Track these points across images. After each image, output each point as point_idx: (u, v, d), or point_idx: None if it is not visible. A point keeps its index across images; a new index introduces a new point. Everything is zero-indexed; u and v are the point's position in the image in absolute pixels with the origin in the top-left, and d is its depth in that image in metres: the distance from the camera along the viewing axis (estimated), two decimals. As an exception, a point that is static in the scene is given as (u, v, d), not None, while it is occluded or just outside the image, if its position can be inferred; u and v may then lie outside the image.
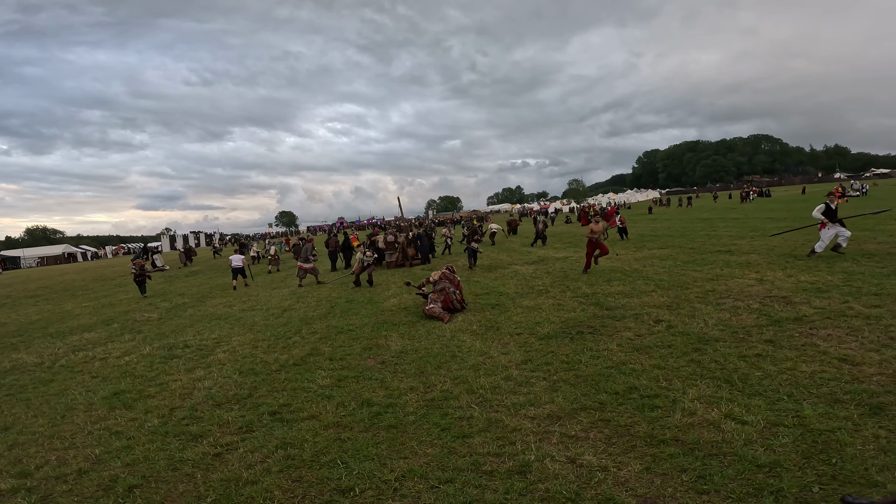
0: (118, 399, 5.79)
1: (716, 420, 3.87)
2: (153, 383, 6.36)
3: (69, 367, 7.70)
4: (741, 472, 3.19)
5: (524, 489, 3.22)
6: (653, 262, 12.67)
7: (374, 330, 8.26)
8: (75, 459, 4.22)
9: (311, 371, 6.25)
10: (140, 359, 7.79)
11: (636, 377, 4.92)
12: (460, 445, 3.89)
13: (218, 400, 5.46)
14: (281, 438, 4.28)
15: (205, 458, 4.05)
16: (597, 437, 3.84)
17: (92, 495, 3.59)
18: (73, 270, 39.93)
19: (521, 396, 4.76)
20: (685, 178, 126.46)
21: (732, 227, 20.67)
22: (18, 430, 5.08)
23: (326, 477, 3.58)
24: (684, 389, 4.50)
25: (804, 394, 4.19)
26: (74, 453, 4.36)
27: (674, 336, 6.15)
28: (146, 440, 4.51)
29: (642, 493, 3.08)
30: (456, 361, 6.08)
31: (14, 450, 4.56)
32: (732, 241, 15.46)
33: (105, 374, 7.07)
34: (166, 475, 3.82)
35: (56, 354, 8.69)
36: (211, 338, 8.92)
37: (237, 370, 6.60)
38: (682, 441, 3.62)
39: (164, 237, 70.98)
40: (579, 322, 7.33)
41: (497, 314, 8.48)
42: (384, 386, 5.46)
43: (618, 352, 5.78)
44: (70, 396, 6.09)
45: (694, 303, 7.80)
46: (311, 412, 4.85)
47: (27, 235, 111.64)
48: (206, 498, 3.44)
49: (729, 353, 5.31)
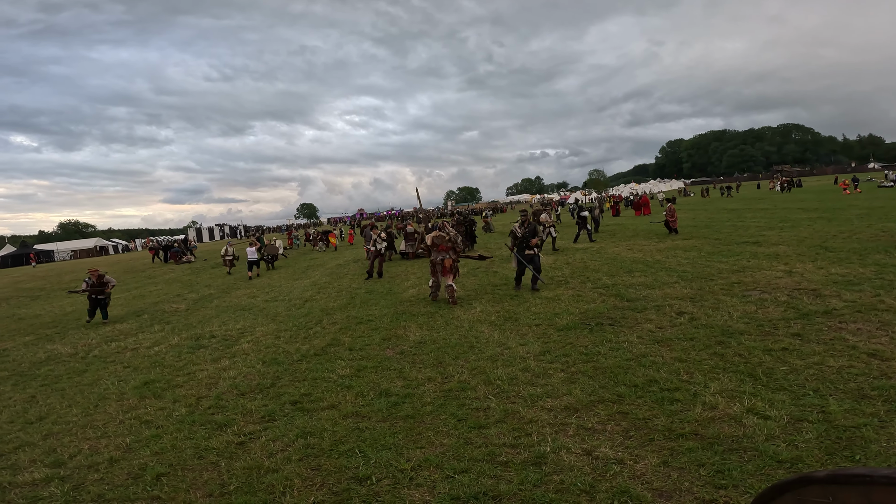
0: (148, 389, 6.00)
1: (737, 414, 3.80)
2: (181, 373, 6.57)
3: (102, 357, 8.01)
4: (761, 467, 3.13)
5: (539, 480, 3.23)
6: (676, 254, 12.43)
7: (393, 320, 8.34)
8: (107, 448, 4.39)
9: (332, 361, 6.37)
10: (169, 349, 8.04)
11: (656, 370, 4.86)
12: (476, 436, 3.92)
13: (242, 389, 5.61)
14: (301, 427, 4.39)
15: (229, 446, 4.18)
16: (614, 429, 3.81)
17: (122, 483, 3.73)
18: (104, 263, 41.28)
19: (539, 388, 4.76)
20: (711, 168, 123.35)
21: (761, 217, 20.08)
22: (53, 419, 5.30)
23: (344, 466, 3.66)
24: (706, 383, 4.43)
25: (830, 389, 4.07)
26: (106, 442, 4.53)
27: (696, 328, 6.04)
28: (174, 429, 4.67)
29: (658, 487, 3.06)
30: (474, 352, 6.11)
31: (49, 439, 4.75)
32: (760, 231, 15.03)
33: (136, 364, 7.33)
34: (192, 463, 3.95)
35: (89, 345, 9.04)
36: (236, 328, 9.15)
37: (260, 360, 6.76)
38: (702, 435, 3.57)
39: (191, 230, 72.73)
40: (599, 313, 7.26)
41: (516, 305, 8.47)
42: (402, 376, 5.52)
43: (638, 344, 5.71)
44: (103, 386, 6.33)
45: (718, 295, 7.64)
46: (331, 402, 4.95)
47: (60, 229, 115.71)
48: (228, 486, 3.54)
49: (754, 347, 5.20)
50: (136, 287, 18.96)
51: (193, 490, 3.53)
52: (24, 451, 4.52)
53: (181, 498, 3.43)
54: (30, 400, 6.07)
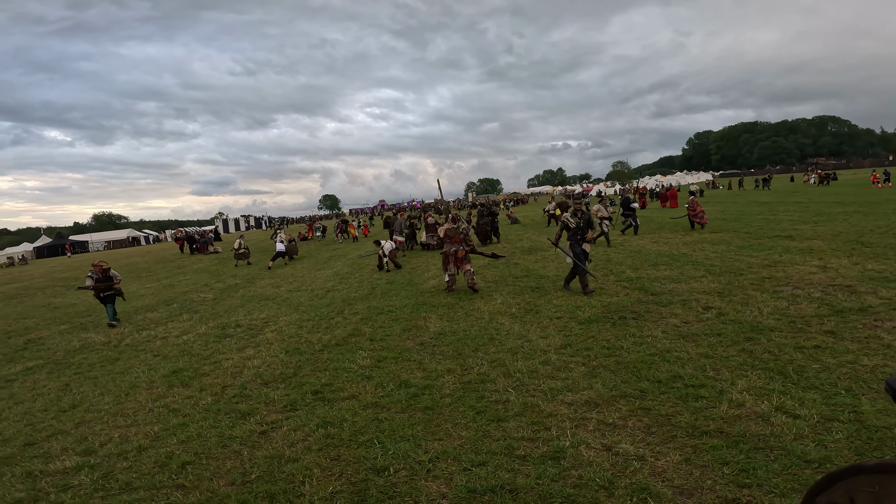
0: (177, 377, 6.17)
1: (765, 413, 3.69)
2: (208, 362, 6.74)
3: (133, 345, 8.28)
4: (788, 466, 3.03)
5: (557, 475, 3.20)
6: (703, 247, 12.10)
7: (413, 311, 8.38)
8: (136, 437, 4.52)
9: (353, 351, 6.43)
10: (196, 338, 8.26)
11: (681, 365, 4.75)
12: (495, 429, 3.91)
13: (265, 379, 5.72)
14: (322, 417, 4.45)
15: (251, 435, 4.26)
16: (636, 425, 3.75)
17: (149, 472, 3.83)
18: (137, 253, 42.66)
19: (559, 381, 4.71)
20: (741, 160, 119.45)
21: (794, 210, 19.33)
22: (86, 407, 5.49)
23: (363, 456, 3.69)
24: (733, 380, 4.31)
25: (863, 388, 3.91)
26: (136, 430, 4.66)
27: (724, 324, 5.88)
28: (200, 417, 4.78)
29: (679, 485, 2.99)
30: (494, 344, 6.08)
31: (81, 427, 4.92)
32: (794, 225, 14.47)
33: (165, 352, 7.55)
34: (216, 452, 4.04)
35: (122, 334, 9.35)
36: (260, 318, 9.33)
37: (284, 349, 6.88)
38: (727, 433, 3.48)
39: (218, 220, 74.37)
40: (622, 307, 7.14)
41: (537, 297, 8.39)
42: (422, 367, 5.54)
43: (662, 339, 5.59)
44: (134, 374, 6.54)
45: (748, 290, 7.41)
46: (352, 392, 5.00)
47: (94, 221, 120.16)
48: (250, 474, 3.62)
49: (784, 344, 5.03)
50: (165, 277, 19.51)
51: (217, 478, 3.61)
52: (56, 439, 4.68)
53: (205, 486, 3.52)
54: (64, 388, 6.31)
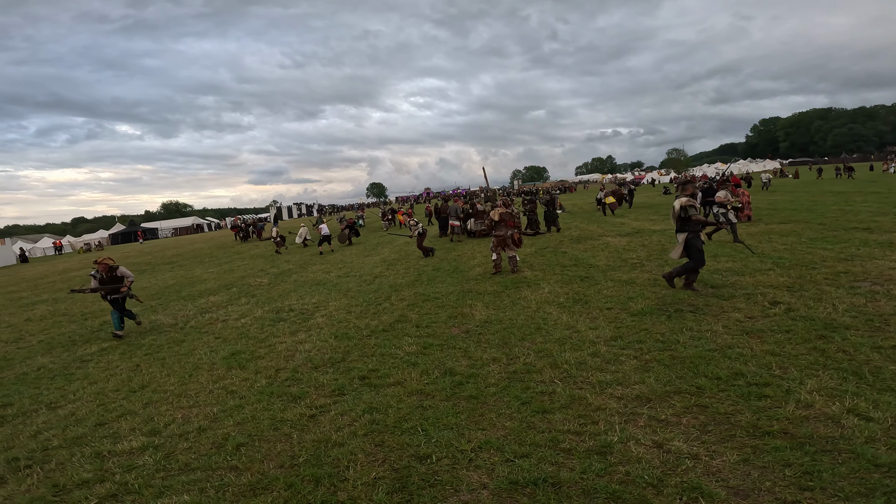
0: (235, 360, 6.47)
1: (836, 414, 3.41)
2: (263, 345, 7.04)
3: (197, 328, 8.78)
4: (855, 470, 2.81)
5: (602, 470, 3.10)
6: (771, 238, 11.29)
7: (459, 298, 8.37)
8: (197, 418, 4.75)
9: (399, 337, 6.51)
10: (253, 321, 8.65)
11: (743, 362, 4.47)
12: (540, 420, 3.84)
13: (316, 363, 5.91)
14: (368, 403, 4.53)
15: (301, 419, 4.41)
16: (690, 422, 3.56)
17: (206, 453, 4.02)
18: (200, 240, 45.24)
19: (609, 374, 4.56)
20: (813, 148, 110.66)
21: (873, 201, 17.59)
22: (153, 388, 5.83)
23: (406, 443, 3.73)
24: (802, 379, 4.00)
25: (949, 392, 3.53)
26: (197, 412, 4.91)
27: (794, 320, 5.46)
28: (255, 400, 4.98)
29: (735, 485, 2.82)
30: (541, 334, 5.97)
31: (148, 408, 5.21)
32: (873, 217, 13.14)
33: (225, 335, 7.95)
34: (268, 434, 4.20)
35: (187, 316, 9.94)
36: (311, 302, 9.64)
37: (333, 334, 7.07)
38: (792, 434, 3.24)
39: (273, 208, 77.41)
40: (679, 299, 6.80)
41: (586, 287, 8.16)
42: (467, 355, 5.52)
43: (723, 334, 5.27)
44: (197, 356, 6.91)
45: (821, 284, 6.84)
46: (397, 378, 5.06)
47: (163, 209, 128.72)
48: (298, 457, 3.73)
49: (860, 343, 4.61)
50: (226, 262, 20.57)
51: (267, 461, 3.75)
52: (125, 419, 4.97)
53: (256, 468, 3.66)
54: (134, 369, 6.74)
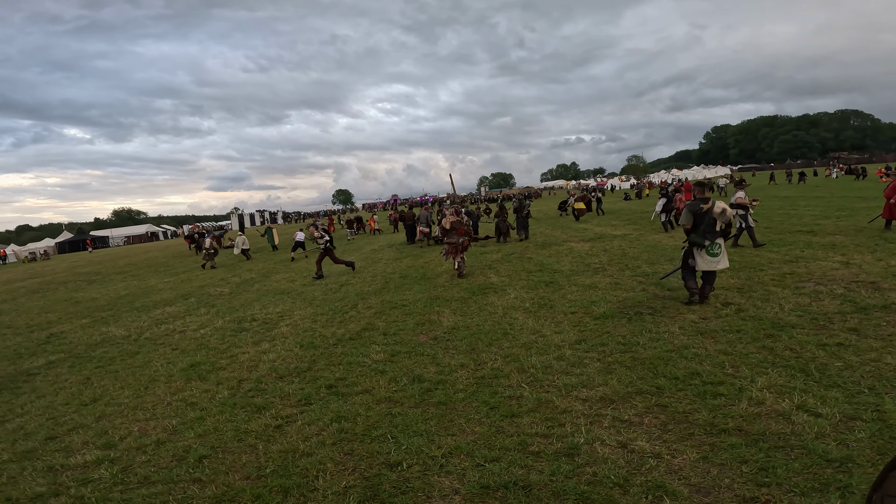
0: (194, 371, 6.24)
1: (786, 411, 3.61)
2: (224, 355, 6.82)
3: (153, 339, 8.42)
4: (808, 465, 2.97)
5: (571, 472, 3.17)
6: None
7: (426, 305, 8.37)
8: (155, 430, 4.57)
9: (366, 346, 6.45)
10: (213, 332, 8.37)
11: (699, 362, 4.67)
12: (508, 424, 3.88)
13: (280, 373, 5.77)
14: (336, 412, 4.46)
15: (267, 429, 4.30)
16: (652, 422, 3.69)
17: (167, 465, 3.87)
18: (155, 248, 43.43)
19: (574, 377, 4.66)
20: (760, 155, 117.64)
21: (816, 205, 18.81)
22: (106, 401, 5.56)
23: (376, 451, 3.70)
24: (753, 377, 4.22)
25: (887, 387, 3.80)
26: (154, 424, 4.72)
27: (744, 320, 5.76)
28: (217, 411, 4.82)
29: (696, 483, 2.94)
30: (508, 339, 6.05)
31: (101, 421, 4.98)
32: (816, 220, 14.08)
33: (183, 346, 7.66)
34: (232, 446, 4.08)
35: (141, 328, 9.51)
36: (275, 311, 9.42)
37: (298, 343, 6.94)
38: (746, 431, 3.41)
39: (234, 216, 75.28)
40: (638, 302, 7.04)
41: (551, 292, 8.33)
42: (435, 362, 5.53)
43: (680, 335, 5.50)
44: (153, 368, 6.63)
45: (769, 286, 7.25)
46: (365, 386, 5.01)
47: (114, 216, 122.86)
48: (265, 468, 3.64)
49: (806, 341, 4.91)
50: (183, 272, 19.82)
51: (232, 472, 3.64)
52: (77, 433, 4.74)
53: (220, 480, 3.55)
54: (85, 382, 6.41)
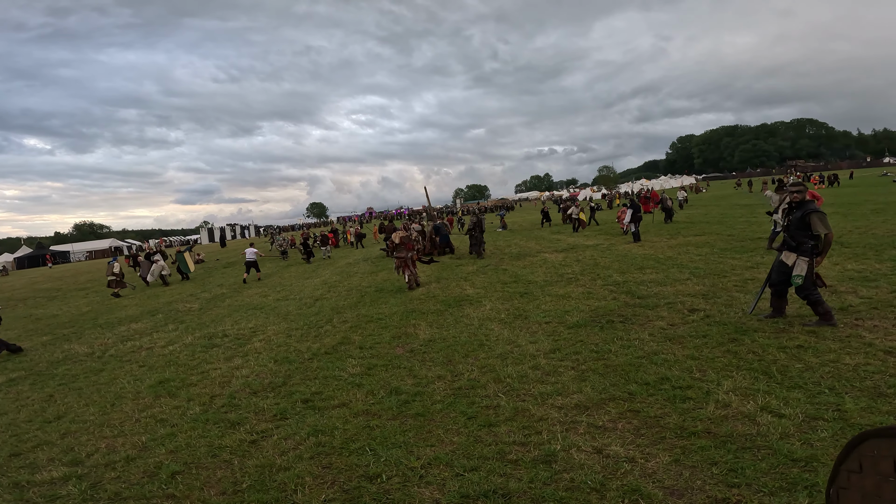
0: (163, 387, 6.07)
1: (751, 413, 3.76)
2: (195, 372, 6.65)
3: (118, 356, 8.13)
4: (775, 465, 3.09)
5: (549, 478, 3.22)
6: (688, 250, 12.31)
7: (402, 318, 8.37)
8: (123, 447, 4.44)
9: (342, 359, 6.40)
10: (183, 348, 8.14)
11: (668, 367, 4.82)
12: (486, 434, 3.92)
13: (254, 388, 5.67)
14: (313, 426, 4.41)
15: (242, 444, 4.22)
16: (625, 427, 3.79)
17: (138, 481, 3.77)
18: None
19: (549, 386, 4.74)
20: (723, 164, 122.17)
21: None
22: (71, 418, 5.38)
23: (355, 464, 3.67)
24: (719, 381, 4.38)
25: (846, 387, 4.01)
26: (123, 441, 4.58)
27: (709, 326, 5.98)
28: (188, 427, 4.71)
29: (670, 485, 3.04)
30: (484, 350, 6.10)
31: (66, 438, 4.82)
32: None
33: (151, 363, 7.43)
34: (206, 461, 3.99)
35: (106, 345, 9.18)
36: (248, 327, 9.23)
37: (272, 359, 6.82)
38: (715, 433, 3.54)
39: (203, 230, 73.50)
40: (610, 311, 7.22)
41: (525, 302, 8.45)
42: (412, 374, 5.53)
43: (649, 341, 5.66)
44: (119, 385, 6.42)
45: (732, 291, 7.55)
46: (342, 400, 4.97)
47: (75, 231, 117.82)
48: (241, 484, 3.57)
49: (768, 344, 5.13)
50: (149, 287, 19.21)
51: (207, 488, 3.57)
52: (42, 449, 4.59)
53: (195, 496, 3.47)
54: (48, 399, 6.17)
